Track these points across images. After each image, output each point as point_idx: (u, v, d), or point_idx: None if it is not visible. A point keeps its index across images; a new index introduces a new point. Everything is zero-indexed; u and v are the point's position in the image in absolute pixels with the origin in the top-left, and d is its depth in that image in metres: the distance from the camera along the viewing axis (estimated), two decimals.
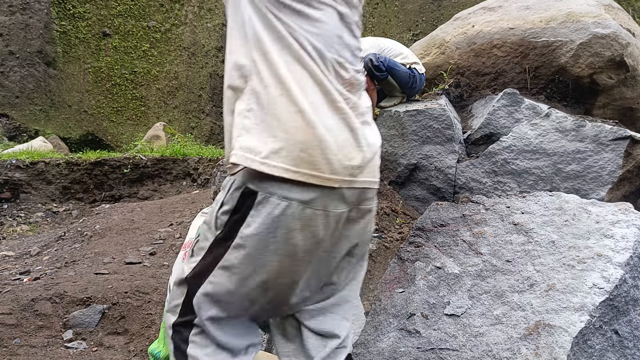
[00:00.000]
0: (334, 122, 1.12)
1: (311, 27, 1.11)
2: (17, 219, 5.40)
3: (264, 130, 1.10)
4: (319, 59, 1.11)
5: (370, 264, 3.28)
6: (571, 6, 4.48)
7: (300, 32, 1.10)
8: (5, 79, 8.30)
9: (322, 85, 1.11)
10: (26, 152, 6.33)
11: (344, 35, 1.17)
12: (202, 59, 9.80)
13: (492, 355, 1.96)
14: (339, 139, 1.12)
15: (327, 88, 1.11)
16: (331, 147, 1.10)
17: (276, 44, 1.09)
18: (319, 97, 1.10)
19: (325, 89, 1.11)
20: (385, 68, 4.21)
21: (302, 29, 1.10)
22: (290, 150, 1.08)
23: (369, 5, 8.06)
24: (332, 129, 1.11)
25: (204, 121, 9.87)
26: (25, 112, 8.42)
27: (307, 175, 1.08)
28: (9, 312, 2.93)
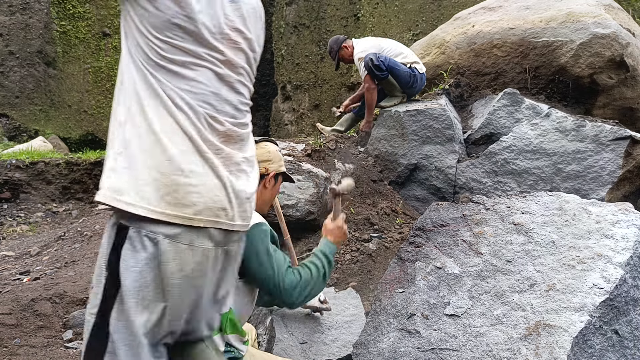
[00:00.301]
0: (202, 169, 1.25)
1: (185, 85, 1.25)
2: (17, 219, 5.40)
3: (132, 174, 1.21)
4: (190, 112, 1.24)
5: (370, 264, 3.28)
6: (571, 6, 4.48)
7: (173, 90, 1.23)
8: (5, 79, 8.30)
9: (190, 136, 1.24)
10: (26, 152, 6.32)
11: (221, 92, 1.31)
12: None
13: (492, 355, 1.96)
14: (206, 184, 1.26)
15: (194, 138, 1.24)
16: (197, 190, 1.24)
17: (152, 99, 1.23)
18: (187, 147, 1.23)
19: (193, 139, 1.24)
20: (386, 67, 4.21)
21: (176, 87, 1.24)
22: (156, 192, 1.20)
23: (369, 6, 8.05)
24: (200, 175, 1.25)
25: None
26: (25, 112, 8.42)
27: (171, 215, 1.21)
28: (9, 312, 2.93)
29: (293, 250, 2.71)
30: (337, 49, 4.66)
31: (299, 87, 8.97)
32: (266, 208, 2.16)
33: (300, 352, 2.35)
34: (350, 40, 4.68)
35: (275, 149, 2.14)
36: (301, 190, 3.45)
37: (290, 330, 2.47)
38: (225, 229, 1.31)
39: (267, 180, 2.05)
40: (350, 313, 2.61)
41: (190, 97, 1.26)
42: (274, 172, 2.07)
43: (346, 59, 4.66)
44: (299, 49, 8.87)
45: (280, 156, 2.15)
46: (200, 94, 1.27)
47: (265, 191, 2.07)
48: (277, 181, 2.14)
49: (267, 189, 2.07)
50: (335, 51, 4.68)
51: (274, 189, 2.13)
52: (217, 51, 1.30)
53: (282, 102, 9.41)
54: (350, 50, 4.57)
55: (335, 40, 4.72)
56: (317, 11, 8.61)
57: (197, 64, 1.27)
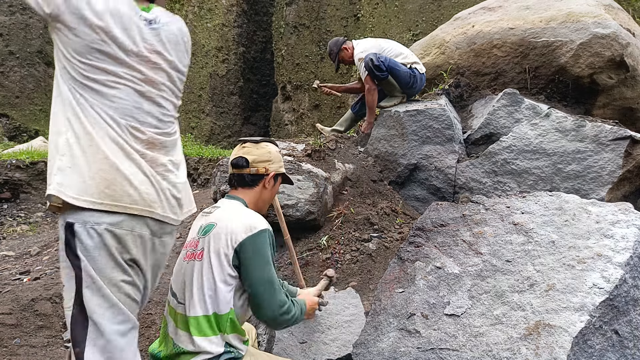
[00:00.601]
0: (131, 167, 1.48)
1: (106, 101, 1.46)
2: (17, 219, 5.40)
3: (75, 171, 1.42)
4: (114, 124, 1.47)
5: (370, 263, 3.28)
6: (571, 6, 4.48)
7: (97, 105, 1.45)
8: (5, 79, 8.30)
9: (117, 142, 1.47)
10: (26, 152, 6.32)
11: (143, 106, 1.52)
12: (202, 59, 9.80)
13: (492, 355, 1.96)
14: (137, 178, 1.48)
15: (121, 144, 1.47)
16: (131, 183, 1.46)
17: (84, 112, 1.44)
18: (116, 150, 1.46)
19: (120, 145, 1.47)
20: (386, 68, 4.21)
21: (99, 102, 1.45)
22: (96, 186, 1.42)
23: (369, 6, 8.05)
24: (131, 171, 1.48)
25: (204, 121, 9.86)
26: (25, 112, 8.42)
27: (111, 205, 1.43)
28: (9, 312, 2.93)
29: (293, 250, 2.71)
30: (337, 50, 4.66)
31: (299, 87, 8.97)
32: (266, 208, 2.18)
33: (300, 352, 2.35)
34: (350, 41, 4.68)
35: (276, 150, 2.15)
36: (301, 190, 3.45)
37: (290, 329, 2.47)
38: (158, 219, 1.54)
39: (267, 181, 2.07)
40: (350, 313, 2.61)
41: (113, 112, 1.47)
42: (274, 172, 2.08)
43: (346, 60, 4.65)
44: (299, 49, 8.88)
45: (280, 157, 2.16)
46: (121, 109, 1.48)
47: (264, 191, 2.08)
48: (277, 182, 2.15)
49: (267, 189, 2.09)
50: (335, 53, 4.67)
51: (274, 190, 2.14)
52: (136, 70, 1.50)
53: (282, 102, 9.42)
54: (350, 51, 4.56)
55: (335, 42, 4.71)
56: (317, 11, 8.61)
57: (118, 82, 1.47)
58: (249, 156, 2.05)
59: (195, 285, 1.84)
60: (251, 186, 2.05)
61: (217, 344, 1.81)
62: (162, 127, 1.58)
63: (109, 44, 1.43)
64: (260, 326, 2.62)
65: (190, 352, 1.79)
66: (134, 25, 1.49)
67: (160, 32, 1.56)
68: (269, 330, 2.49)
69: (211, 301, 1.81)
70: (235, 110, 10.39)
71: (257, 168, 2.04)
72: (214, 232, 1.88)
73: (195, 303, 1.82)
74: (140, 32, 1.50)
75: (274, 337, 2.41)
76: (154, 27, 1.54)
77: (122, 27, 1.45)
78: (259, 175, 2.05)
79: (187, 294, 1.86)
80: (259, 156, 2.07)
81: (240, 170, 2.04)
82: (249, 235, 1.84)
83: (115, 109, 1.47)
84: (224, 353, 1.81)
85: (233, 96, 10.33)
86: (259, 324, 2.64)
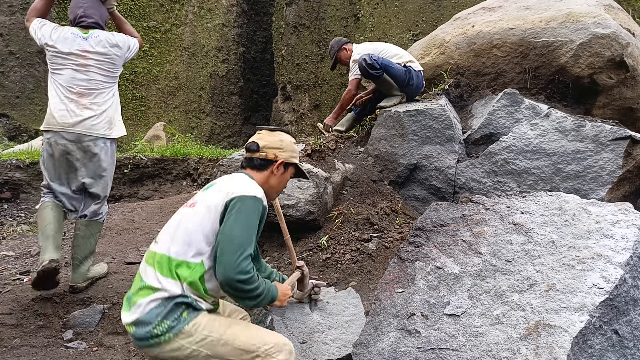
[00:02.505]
0: (60, 106, 3.00)
1: (57, 76, 3.05)
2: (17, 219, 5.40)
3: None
4: (60, 86, 3.03)
5: (370, 263, 3.28)
6: (571, 6, 4.48)
7: (55, 78, 3.05)
8: (5, 79, 8.30)
9: (57, 94, 3.02)
10: (26, 152, 6.32)
11: (76, 76, 3.04)
12: (202, 59, 9.79)
13: (492, 355, 1.96)
14: (59, 111, 2.99)
15: (60, 95, 3.02)
16: (55, 115, 2.99)
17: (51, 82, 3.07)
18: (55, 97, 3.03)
19: (58, 95, 3.02)
20: (380, 66, 4.26)
21: (55, 75, 3.05)
22: (46, 117, 3.04)
23: (369, 6, 8.05)
24: (58, 109, 3.00)
25: (204, 121, 9.86)
26: (25, 112, 8.42)
27: (46, 126, 3.02)
28: (9, 312, 2.93)
29: (293, 250, 2.71)
30: (338, 48, 4.79)
31: (299, 87, 8.97)
32: (273, 194, 2.23)
33: (300, 352, 2.35)
34: (351, 44, 4.80)
35: (290, 140, 2.21)
36: (301, 190, 3.45)
37: (290, 329, 2.47)
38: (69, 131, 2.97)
39: (275, 167, 2.13)
40: (350, 313, 2.61)
41: (62, 80, 3.04)
42: (283, 160, 2.14)
43: (343, 60, 4.80)
44: (299, 50, 8.88)
45: (294, 148, 2.22)
46: (64, 77, 3.04)
47: (272, 177, 2.15)
48: (287, 171, 2.20)
49: (275, 176, 2.15)
50: (335, 50, 4.80)
51: (282, 178, 2.18)
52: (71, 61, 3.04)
53: (282, 103, 9.41)
54: (349, 53, 4.73)
55: (337, 41, 4.86)
56: (317, 11, 8.61)
57: (63, 65, 3.05)
58: (260, 141, 2.15)
59: (176, 228, 1.94)
60: (260, 170, 2.13)
61: (178, 287, 1.86)
62: (88, 85, 3.06)
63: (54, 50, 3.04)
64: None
65: (152, 287, 1.86)
66: (70, 40, 3.04)
67: (90, 41, 3.08)
68: None
69: (185, 248, 1.88)
70: (235, 110, 10.39)
71: (266, 153, 2.13)
72: (213, 189, 2.00)
73: (170, 243, 1.91)
74: (75, 42, 3.04)
75: None
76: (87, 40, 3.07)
77: (62, 42, 3.04)
78: (268, 160, 2.13)
79: (165, 235, 1.95)
80: (271, 143, 2.16)
81: (252, 154, 2.15)
82: (243, 195, 1.91)
83: (62, 79, 3.04)
84: (181, 296, 1.85)
85: (233, 96, 10.33)
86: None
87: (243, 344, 1.89)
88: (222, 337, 1.88)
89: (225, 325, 1.92)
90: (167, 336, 1.82)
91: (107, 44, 3.08)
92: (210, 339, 1.87)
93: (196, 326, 1.86)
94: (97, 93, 3.02)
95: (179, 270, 1.87)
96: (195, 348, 1.85)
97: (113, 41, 3.11)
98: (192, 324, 1.85)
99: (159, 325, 1.82)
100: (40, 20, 3.13)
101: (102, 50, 3.04)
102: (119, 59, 3.14)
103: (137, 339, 1.85)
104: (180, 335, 1.83)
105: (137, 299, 1.88)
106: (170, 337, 1.82)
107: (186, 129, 9.47)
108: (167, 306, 1.83)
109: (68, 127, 2.94)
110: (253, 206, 1.90)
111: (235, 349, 1.88)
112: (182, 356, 1.86)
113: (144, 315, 1.84)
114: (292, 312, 2.58)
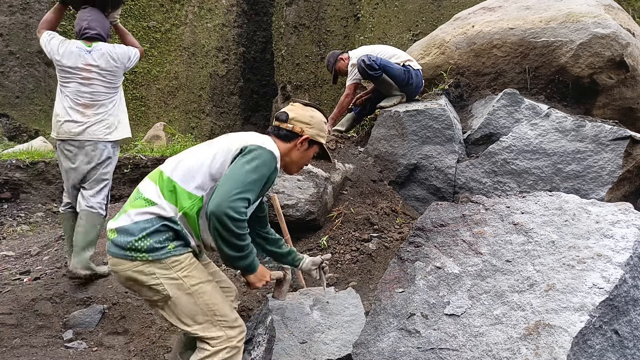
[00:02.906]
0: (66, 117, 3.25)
1: (64, 88, 3.28)
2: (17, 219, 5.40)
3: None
4: (67, 98, 3.26)
5: (370, 263, 3.28)
6: (571, 6, 4.47)
7: (63, 89, 3.29)
8: (5, 79, 8.30)
9: (64, 105, 3.26)
10: (26, 152, 6.32)
11: (81, 89, 3.24)
12: (202, 59, 9.79)
13: (492, 355, 1.96)
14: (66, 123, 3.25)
15: (66, 107, 3.26)
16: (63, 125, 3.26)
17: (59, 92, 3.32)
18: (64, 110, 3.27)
19: (65, 107, 3.26)
20: (379, 66, 4.26)
21: (63, 87, 3.29)
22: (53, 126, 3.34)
23: (369, 6, 8.05)
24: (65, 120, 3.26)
25: (204, 121, 9.86)
26: (26, 112, 8.42)
27: (56, 136, 3.31)
28: (9, 312, 2.93)
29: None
30: (334, 61, 4.77)
31: (299, 87, 8.97)
32: (291, 169, 2.19)
33: (300, 352, 2.35)
34: (346, 53, 4.77)
35: (321, 118, 2.18)
36: (301, 190, 3.45)
37: (290, 329, 2.47)
38: (75, 139, 3.24)
39: (300, 141, 2.09)
40: (350, 313, 2.61)
41: (68, 92, 3.26)
42: (309, 136, 2.10)
43: (343, 70, 4.76)
44: (299, 50, 8.87)
45: (324, 127, 2.18)
46: (70, 89, 3.26)
47: (294, 151, 2.11)
48: (310, 148, 2.15)
49: (297, 150, 2.11)
50: (332, 64, 4.77)
51: (305, 154, 2.15)
52: (76, 75, 3.25)
53: (283, 102, 9.41)
54: (347, 61, 4.69)
55: (332, 55, 4.85)
56: (317, 11, 8.61)
57: (69, 79, 3.26)
58: (291, 113, 2.13)
59: (187, 157, 1.95)
60: (284, 140, 2.09)
61: (174, 212, 1.85)
62: (92, 97, 3.29)
63: (61, 65, 3.26)
64: (260, 326, 2.62)
65: (149, 200, 1.85)
66: (75, 54, 3.25)
67: (93, 54, 3.28)
68: (269, 330, 2.49)
69: (189, 178, 1.87)
70: (235, 110, 10.39)
71: (294, 126, 2.09)
72: (236, 134, 2.03)
73: (179, 170, 1.90)
74: (80, 56, 3.25)
75: (274, 337, 2.41)
76: (90, 53, 3.27)
77: (67, 56, 3.25)
78: (294, 133, 2.09)
79: (178, 162, 1.95)
80: (300, 116, 2.12)
81: (279, 123, 2.12)
82: (261, 146, 1.89)
83: (69, 90, 3.28)
84: (172, 220, 1.84)
85: (233, 96, 10.33)
86: (259, 324, 2.64)
87: (205, 304, 1.87)
88: (192, 286, 1.86)
89: (202, 278, 1.90)
90: (145, 256, 1.80)
91: (109, 57, 3.29)
92: (181, 282, 1.84)
93: (176, 263, 1.84)
94: (100, 104, 3.29)
95: (180, 198, 1.85)
96: (162, 282, 1.82)
97: (114, 53, 3.32)
98: (174, 259, 1.83)
99: (142, 240, 1.79)
100: (49, 33, 3.33)
101: (103, 64, 3.26)
102: (119, 70, 3.36)
103: (115, 246, 1.82)
104: (157, 263, 1.81)
105: (128, 209, 1.87)
106: (147, 258, 1.80)
107: (186, 129, 9.47)
108: (155, 225, 1.81)
109: (74, 136, 3.23)
110: (267, 158, 1.87)
111: (195, 305, 1.86)
112: (145, 283, 1.82)
113: (130, 225, 1.81)
114: (292, 312, 2.58)
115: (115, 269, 1.86)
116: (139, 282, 1.83)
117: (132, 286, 1.89)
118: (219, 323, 1.89)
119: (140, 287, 1.85)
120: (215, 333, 1.88)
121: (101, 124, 3.27)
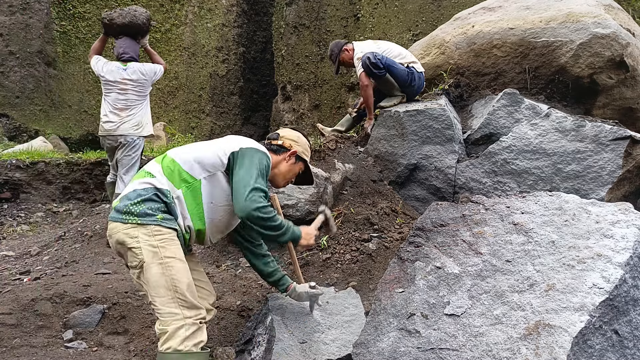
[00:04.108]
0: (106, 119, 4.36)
1: (107, 97, 4.39)
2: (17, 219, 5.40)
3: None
4: (108, 104, 4.37)
5: (370, 263, 3.28)
6: (571, 6, 4.47)
7: (106, 98, 4.40)
8: (5, 79, 8.29)
9: (106, 109, 4.38)
10: (26, 152, 6.32)
11: (119, 96, 4.35)
12: (202, 59, 9.79)
13: (492, 355, 1.96)
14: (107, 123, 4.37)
15: (107, 111, 4.37)
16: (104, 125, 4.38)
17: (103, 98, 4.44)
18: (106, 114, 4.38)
19: (107, 111, 4.37)
20: (383, 65, 4.23)
21: (106, 96, 4.40)
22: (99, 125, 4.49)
23: (369, 6, 8.05)
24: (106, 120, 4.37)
25: (204, 121, 9.86)
26: (26, 112, 8.41)
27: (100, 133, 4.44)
28: (9, 312, 2.93)
29: (293, 250, 2.71)
30: (338, 51, 4.67)
31: (299, 87, 8.97)
32: (280, 182, 2.45)
33: (300, 352, 2.35)
34: (350, 44, 4.69)
35: (306, 140, 2.52)
36: (301, 190, 3.45)
37: (290, 329, 2.47)
38: (112, 134, 4.33)
39: (288, 155, 2.39)
40: (350, 313, 2.61)
41: (110, 99, 4.36)
42: (296, 151, 2.41)
43: (346, 61, 4.66)
44: (299, 50, 8.87)
45: (308, 148, 2.52)
46: (111, 98, 4.35)
47: (283, 163, 2.39)
48: (297, 163, 2.43)
49: (286, 163, 2.39)
50: (336, 54, 4.68)
51: (291, 168, 2.41)
52: (115, 87, 4.33)
53: (282, 103, 9.41)
54: (351, 53, 4.57)
55: (336, 44, 4.74)
56: (317, 11, 8.61)
57: (110, 90, 4.36)
58: (281, 132, 2.48)
59: (193, 146, 2.23)
60: (275, 153, 2.38)
61: (169, 186, 2.07)
62: (127, 103, 4.33)
63: (105, 80, 4.34)
64: (260, 326, 2.62)
65: (150, 173, 2.11)
66: (115, 72, 4.32)
67: (128, 71, 4.32)
68: (269, 331, 2.49)
69: (190, 162, 2.12)
70: (235, 110, 10.39)
71: (283, 141, 2.42)
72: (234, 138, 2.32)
73: (182, 154, 2.16)
74: (118, 73, 4.32)
75: (274, 337, 2.41)
76: (126, 70, 4.32)
77: (109, 73, 4.32)
78: (283, 147, 2.41)
79: (182, 148, 2.23)
80: (289, 135, 2.47)
81: (271, 140, 2.45)
82: (253, 147, 2.18)
83: (109, 97, 4.34)
84: (166, 194, 2.04)
85: (233, 96, 10.33)
86: (258, 324, 2.64)
87: (170, 278, 1.98)
88: (165, 257, 1.99)
89: (177, 255, 2.03)
90: (135, 219, 1.99)
91: (140, 73, 4.38)
92: (156, 251, 1.98)
93: (159, 233, 1.99)
94: (132, 108, 4.37)
95: (179, 177, 2.09)
96: (142, 247, 1.97)
97: (143, 70, 4.41)
98: (158, 228, 1.99)
99: (136, 205, 2.00)
100: (97, 57, 4.49)
101: (135, 78, 4.36)
102: (148, 82, 4.45)
103: (115, 211, 2.04)
104: (142, 228, 1.98)
105: (132, 181, 2.14)
106: (137, 221, 1.99)
107: (186, 129, 9.47)
108: (150, 193, 2.02)
109: (112, 132, 4.32)
110: (261, 155, 2.16)
111: (163, 276, 1.97)
112: (128, 245, 1.98)
113: (130, 192, 2.05)
114: (292, 312, 2.58)
115: (111, 232, 2.04)
116: (125, 244, 2.00)
117: (120, 249, 2.05)
118: (178, 301, 1.98)
119: (126, 250, 2.02)
120: (172, 309, 1.97)
121: (131, 123, 4.34)
